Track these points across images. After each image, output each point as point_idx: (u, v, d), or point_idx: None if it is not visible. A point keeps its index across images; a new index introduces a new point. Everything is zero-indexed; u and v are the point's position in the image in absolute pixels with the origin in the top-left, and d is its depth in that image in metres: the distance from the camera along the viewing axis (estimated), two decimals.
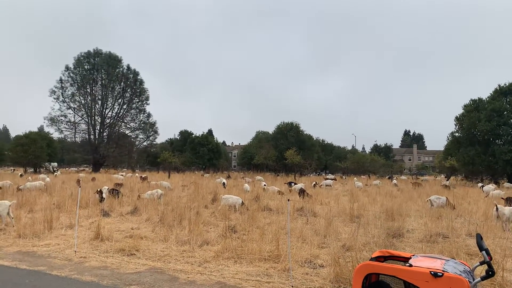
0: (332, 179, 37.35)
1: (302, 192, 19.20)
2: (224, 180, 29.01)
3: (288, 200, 6.57)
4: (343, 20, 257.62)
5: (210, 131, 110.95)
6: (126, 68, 62.18)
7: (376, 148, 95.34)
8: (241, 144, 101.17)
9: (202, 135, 74.63)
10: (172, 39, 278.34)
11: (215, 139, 79.79)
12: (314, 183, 29.90)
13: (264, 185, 25.40)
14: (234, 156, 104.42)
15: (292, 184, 27.47)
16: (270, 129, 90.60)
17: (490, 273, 3.20)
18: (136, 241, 8.24)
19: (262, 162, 59.61)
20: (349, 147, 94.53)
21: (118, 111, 61.48)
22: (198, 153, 69.45)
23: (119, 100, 61.40)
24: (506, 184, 34.95)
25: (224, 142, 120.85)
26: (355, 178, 47.08)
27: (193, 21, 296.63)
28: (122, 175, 40.40)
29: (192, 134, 76.76)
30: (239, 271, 6.41)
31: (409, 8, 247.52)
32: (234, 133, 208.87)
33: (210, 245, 8.20)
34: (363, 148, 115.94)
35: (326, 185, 29.36)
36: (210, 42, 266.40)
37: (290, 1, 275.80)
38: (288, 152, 52.67)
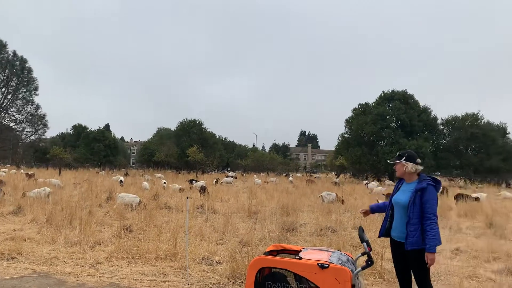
0: (232, 177, 37.91)
1: (203, 189, 19.18)
2: (122, 178, 27.81)
3: (187, 197, 6.53)
4: (250, 20, 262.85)
5: (107, 126, 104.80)
6: (12, 54, 55.78)
7: (275, 147, 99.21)
8: (141, 141, 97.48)
9: (98, 130, 70.41)
10: (69, 26, 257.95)
11: (112, 134, 75.75)
12: (215, 180, 30.10)
13: (164, 182, 24.88)
14: (133, 153, 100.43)
15: (194, 181, 27.30)
16: (173, 125, 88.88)
17: (369, 263, 3.51)
18: (18, 244, 7.50)
19: (163, 159, 58.31)
20: (250, 145, 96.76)
21: (2, 102, 55.13)
22: (93, 149, 65.47)
23: (3, 89, 54.90)
24: (387, 182, 38.75)
25: (122, 138, 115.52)
26: (254, 175, 48.36)
27: (93, 8, 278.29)
28: (4, 171, 36.41)
29: (87, 128, 72.04)
30: (134, 271, 6.19)
31: (313, 12, 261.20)
32: (133, 129, 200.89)
33: (103, 246, 7.79)
34: (263, 146, 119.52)
35: (227, 182, 29.74)
36: (111, 32, 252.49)
37: None
38: (190, 149, 52.22)
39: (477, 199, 18.00)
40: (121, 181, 25.72)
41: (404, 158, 4.17)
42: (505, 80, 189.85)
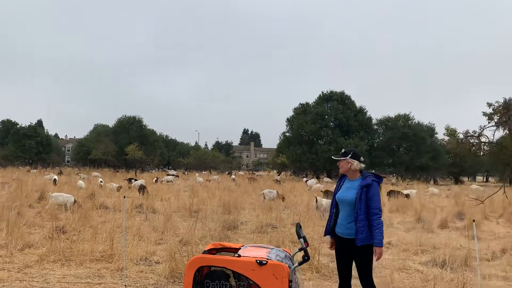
0: (174, 175, 37.29)
1: (142, 188, 18.73)
2: (55, 177, 26.42)
3: (124, 197, 6.35)
4: (192, 15, 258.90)
5: (39, 122, 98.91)
6: None
7: (217, 145, 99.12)
8: (76, 138, 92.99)
9: (29, 126, 66.52)
10: None
11: (45, 131, 71.89)
12: (156, 179, 29.51)
13: (101, 181, 23.97)
14: (68, 150, 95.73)
15: (133, 180, 26.55)
16: (111, 122, 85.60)
17: (305, 258, 3.58)
18: None
19: (101, 157, 56.14)
20: (193, 143, 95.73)
21: None
22: (24, 146, 61.73)
23: None
24: (325, 179, 40.10)
25: (56, 134, 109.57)
26: (196, 173, 47.93)
27: None
28: None
29: (17, 124, 67.73)
30: (67, 274, 5.92)
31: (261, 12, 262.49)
32: (69, 125, 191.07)
33: (33, 248, 7.37)
34: (206, 144, 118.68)
35: (167, 181, 29.26)
36: (43, 23, 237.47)
37: None
38: (129, 147, 50.75)
39: (407, 195, 19.11)
40: (54, 180, 24.43)
41: (349, 155, 4.22)
42: (434, 83, 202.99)
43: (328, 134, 48.30)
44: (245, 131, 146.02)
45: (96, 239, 7.52)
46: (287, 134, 53.37)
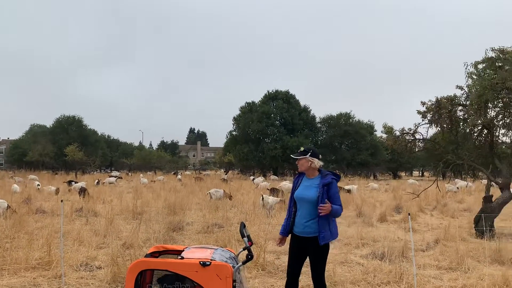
0: (116, 177, 36.10)
1: (83, 191, 17.96)
2: None
3: (62, 200, 6.07)
4: (135, 15, 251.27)
5: None
6: None
7: (163, 145, 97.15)
8: (10, 139, 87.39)
9: None
10: None
11: None
12: (97, 180, 28.46)
13: (38, 184, 22.74)
14: (1, 152, 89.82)
15: (73, 182, 25.39)
16: (48, 122, 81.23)
17: (249, 257, 3.61)
18: None
19: (38, 159, 53.22)
20: (137, 143, 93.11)
21: None
22: None
23: None
24: (272, 177, 40.64)
25: None
26: (141, 174, 46.71)
27: None
28: None
29: None
30: None
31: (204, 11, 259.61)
32: (1, 126, 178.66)
33: None
34: (151, 144, 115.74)
35: (110, 183, 28.33)
36: None
37: None
38: (68, 148, 48.55)
39: (349, 191, 19.82)
40: None
41: (309, 153, 4.24)
42: (373, 84, 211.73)
43: (274, 132, 49.03)
44: (191, 130, 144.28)
45: (32, 246, 7.12)
46: (234, 133, 53.53)
